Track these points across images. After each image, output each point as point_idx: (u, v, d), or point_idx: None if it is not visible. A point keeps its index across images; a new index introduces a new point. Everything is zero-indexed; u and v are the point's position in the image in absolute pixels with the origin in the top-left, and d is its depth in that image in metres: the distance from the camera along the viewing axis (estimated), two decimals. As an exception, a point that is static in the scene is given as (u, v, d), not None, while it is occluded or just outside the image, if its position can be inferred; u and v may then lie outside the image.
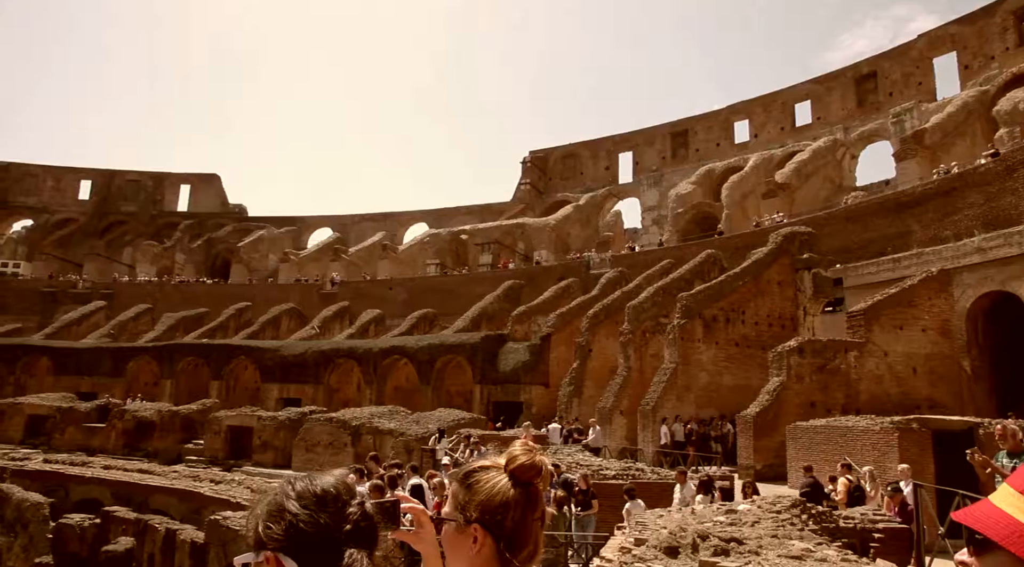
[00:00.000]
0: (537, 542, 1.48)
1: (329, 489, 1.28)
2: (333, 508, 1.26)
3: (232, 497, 18.65)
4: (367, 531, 1.29)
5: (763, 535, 7.08)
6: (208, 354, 37.94)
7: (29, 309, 50.73)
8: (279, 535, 1.21)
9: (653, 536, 7.29)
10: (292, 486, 1.28)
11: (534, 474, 1.48)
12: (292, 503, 1.24)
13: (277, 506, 1.25)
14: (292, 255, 58.19)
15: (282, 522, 1.22)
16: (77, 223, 64.79)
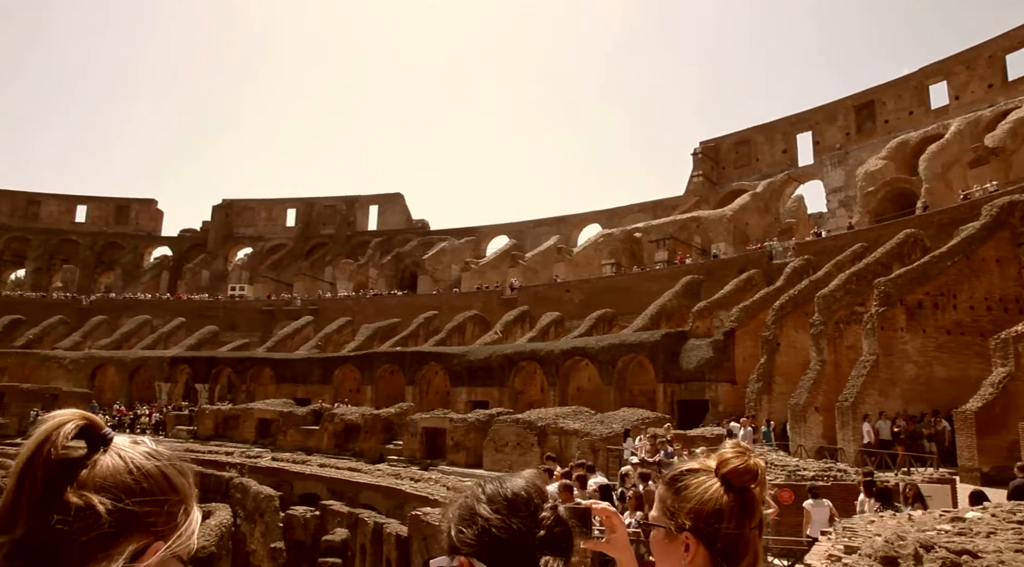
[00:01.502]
0: (756, 553, 1.39)
1: (520, 492, 1.25)
2: (525, 512, 1.22)
3: (430, 494, 19.85)
4: (561, 537, 1.23)
5: (1003, 549, 6.11)
6: (402, 361, 40.65)
7: (253, 326, 57.47)
8: (471, 540, 1.20)
9: (866, 544, 6.72)
10: (482, 489, 1.27)
11: (749, 479, 1.39)
12: (483, 507, 1.23)
13: (468, 510, 1.24)
14: (472, 264, 60.85)
15: (474, 527, 1.21)
16: (286, 248, 72.43)
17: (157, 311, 59.40)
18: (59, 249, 72.26)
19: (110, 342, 53.75)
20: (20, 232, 72.27)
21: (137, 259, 73.42)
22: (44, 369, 47.82)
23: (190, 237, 75.52)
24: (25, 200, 74.35)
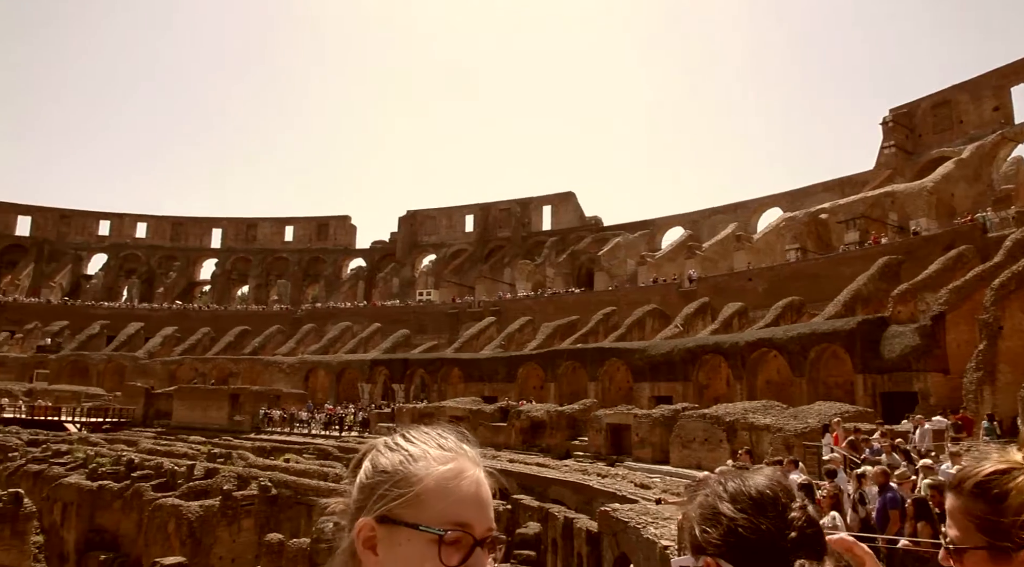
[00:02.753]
0: None
1: (765, 491, 1.19)
2: (773, 512, 1.16)
3: (618, 490, 20.05)
4: (815, 538, 1.16)
5: None
6: (583, 358, 41.19)
7: (441, 328, 60.96)
8: (717, 540, 1.15)
9: None
10: (723, 486, 1.22)
11: None
12: (726, 505, 1.18)
13: (711, 508, 1.19)
14: (648, 257, 60.15)
15: (719, 526, 1.16)
16: (467, 252, 76.02)
17: (356, 318, 64.84)
18: (273, 266, 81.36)
19: (319, 347, 59.52)
20: (243, 253, 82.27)
21: (336, 271, 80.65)
22: (268, 373, 54.08)
23: (380, 248, 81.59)
24: (246, 225, 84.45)
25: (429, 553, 1.13)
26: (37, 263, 77.75)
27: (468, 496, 1.19)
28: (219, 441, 33.46)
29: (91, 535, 20.90)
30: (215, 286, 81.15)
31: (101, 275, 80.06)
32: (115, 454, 26.71)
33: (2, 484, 21.56)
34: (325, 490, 19.03)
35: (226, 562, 18.33)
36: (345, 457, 27.64)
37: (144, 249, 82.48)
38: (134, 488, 20.49)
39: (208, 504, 18.30)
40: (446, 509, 1.16)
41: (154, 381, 52.61)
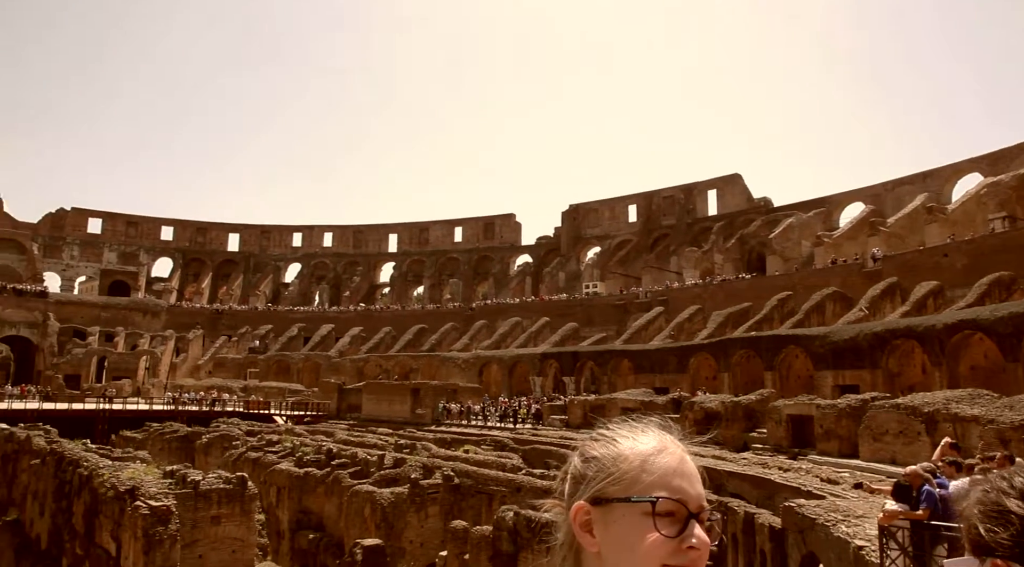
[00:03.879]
0: None
1: None
2: None
3: (802, 485, 19.08)
4: None
5: None
6: (758, 346, 39.45)
7: (608, 320, 60.96)
8: (1007, 541, 1.06)
9: None
10: (1008, 482, 1.12)
11: None
12: (1014, 503, 1.08)
13: (995, 505, 1.10)
14: (825, 237, 56.31)
15: (1009, 526, 1.07)
16: (631, 243, 75.31)
17: (524, 313, 66.48)
18: (445, 266, 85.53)
19: (491, 343, 61.73)
20: (417, 255, 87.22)
21: (504, 268, 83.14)
22: (444, 368, 56.97)
23: (545, 243, 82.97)
24: (418, 229, 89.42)
25: (644, 525, 1.15)
26: (245, 274, 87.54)
27: (674, 468, 1.22)
28: (404, 433, 35.87)
29: (300, 516, 23.28)
30: (394, 288, 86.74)
31: (296, 283, 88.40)
32: (316, 444, 29.50)
33: (228, 468, 24.55)
34: (504, 480, 19.85)
35: (416, 546, 19.66)
36: (520, 449, 28.60)
37: (331, 257, 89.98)
38: (334, 475, 22.54)
39: (398, 491, 19.75)
40: (656, 481, 1.19)
41: (345, 377, 57.31)
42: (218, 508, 17.71)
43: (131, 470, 18.89)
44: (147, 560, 15.55)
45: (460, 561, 15.27)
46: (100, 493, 17.99)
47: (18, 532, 22.98)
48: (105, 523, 17.60)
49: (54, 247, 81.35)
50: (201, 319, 76.07)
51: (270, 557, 20.52)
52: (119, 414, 46.65)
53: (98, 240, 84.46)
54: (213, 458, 30.71)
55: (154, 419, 43.07)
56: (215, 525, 17.77)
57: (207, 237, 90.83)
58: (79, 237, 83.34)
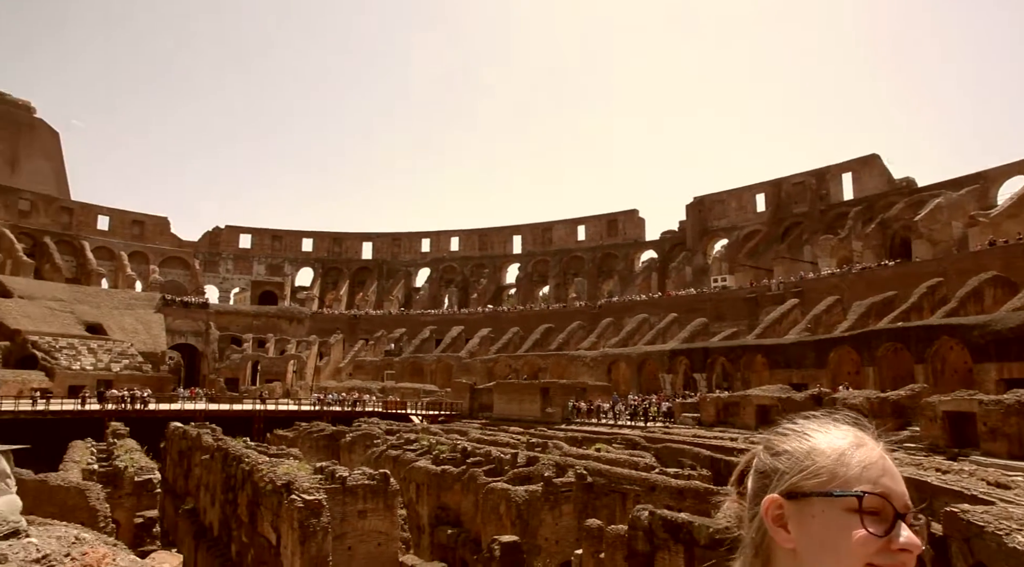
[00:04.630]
0: None
1: None
2: None
3: (965, 489, 17.65)
4: None
5: None
6: (907, 338, 36.78)
7: (738, 314, 58.86)
8: None
9: None
10: None
11: None
12: None
13: None
14: (981, 217, 51.55)
15: None
16: (761, 233, 72.29)
17: (651, 309, 65.46)
18: (570, 265, 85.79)
19: (618, 340, 61.26)
20: (541, 256, 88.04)
21: (629, 265, 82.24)
22: (572, 366, 57.14)
23: (670, 238, 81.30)
24: (541, 229, 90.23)
25: (848, 522, 1.08)
26: (379, 281, 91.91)
27: (878, 464, 1.14)
28: (535, 432, 36.36)
29: (439, 511, 24.19)
30: (519, 288, 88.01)
31: (427, 287, 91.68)
32: (451, 442, 30.51)
33: (371, 465, 25.92)
34: (637, 479, 19.74)
35: (551, 543, 19.94)
36: (652, 447, 28.24)
37: (458, 260, 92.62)
38: (469, 473, 23.26)
39: (532, 489, 20.11)
40: (858, 476, 1.12)
41: (475, 377, 58.81)
42: (364, 503, 18.79)
43: (286, 466, 20.39)
44: (303, 550, 16.73)
45: (595, 560, 15.36)
46: (260, 487, 19.57)
47: (195, 519, 25.37)
48: (265, 514, 19.11)
49: (212, 262, 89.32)
50: (340, 324, 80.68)
51: (412, 550, 21.48)
52: (272, 414, 50.39)
53: (249, 254, 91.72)
54: (356, 455, 32.49)
55: (302, 419, 46.15)
56: (362, 519, 18.86)
57: (343, 247, 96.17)
58: (232, 252, 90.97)
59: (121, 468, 24.20)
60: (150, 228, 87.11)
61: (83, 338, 60.55)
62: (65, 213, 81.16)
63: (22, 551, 2.47)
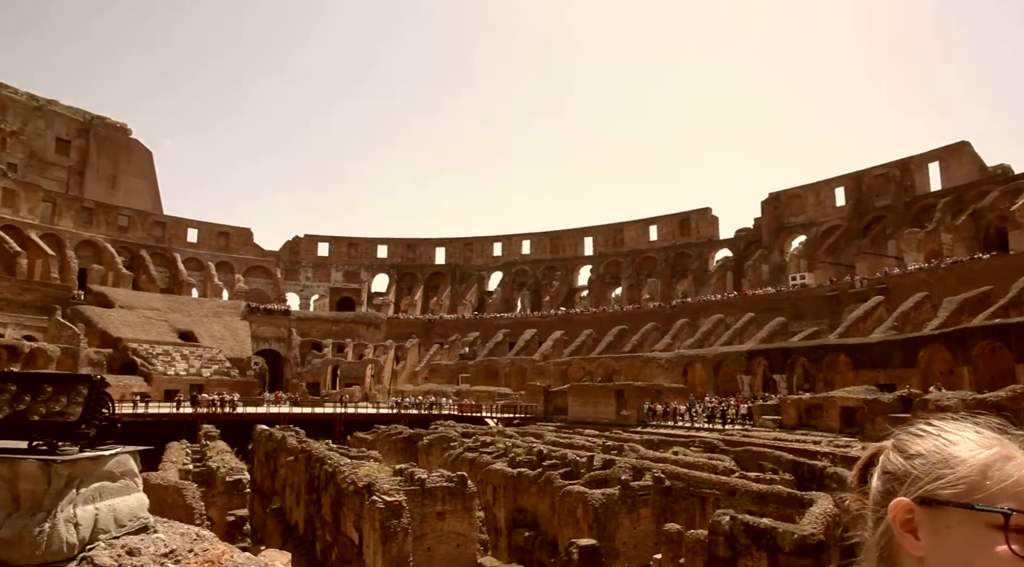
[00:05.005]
0: None
1: None
2: None
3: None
4: None
5: None
6: (1006, 335, 34.75)
7: (819, 313, 56.89)
8: None
9: None
10: None
11: None
12: None
13: None
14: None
15: None
16: (841, 228, 69.63)
17: (727, 309, 64.02)
18: (642, 266, 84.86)
19: (693, 341, 60.19)
20: (613, 257, 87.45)
21: (703, 264, 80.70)
22: (647, 368, 56.49)
23: (745, 236, 79.31)
24: (613, 230, 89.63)
25: (989, 538, 1.01)
26: (452, 285, 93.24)
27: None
28: (610, 434, 36.13)
29: (516, 514, 24.39)
30: (592, 290, 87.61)
31: (499, 290, 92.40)
32: (527, 445, 30.70)
33: (448, 467, 26.39)
34: (717, 483, 19.41)
35: (628, 547, 19.82)
36: (731, 450, 27.66)
37: (530, 264, 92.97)
38: (545, 475, 23.37)
39: (609, 492, 20.04)
40: (1004, 491, 1.03)
41: (549, 380, 58.87)
42: (442, 504, 19.16)
43: (366, 468, 21.01)
44: (385, 550, 17.19)
45: (675, 564, 15.21)
46: (343, 488, 20.23)
47: (282, 518, 26.42)
48: (348, 515, 19.73)
49: (292, 270, 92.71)
50: (416, 329, 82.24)
51: (490, 552, 21.75)
52: (352, 417, 51.85)
53: (327, 262, 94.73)
54: (434, 458, 33.08)
55: (381, 421, 47.30)
56: (440, 520, 19.24)
57: (416, 252, 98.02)
58: (311, 260, 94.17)
59: (214, 468, 25.45)
60: (234, 239, 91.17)
61: (176, 345, 63.89)
62: (159, 227, 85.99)
63: (152, 546, 2.69)
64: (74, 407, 2.77)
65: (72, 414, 2.76)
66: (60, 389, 2.87)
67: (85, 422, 2.75)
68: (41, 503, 2.44)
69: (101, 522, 2.57)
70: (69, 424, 2.74)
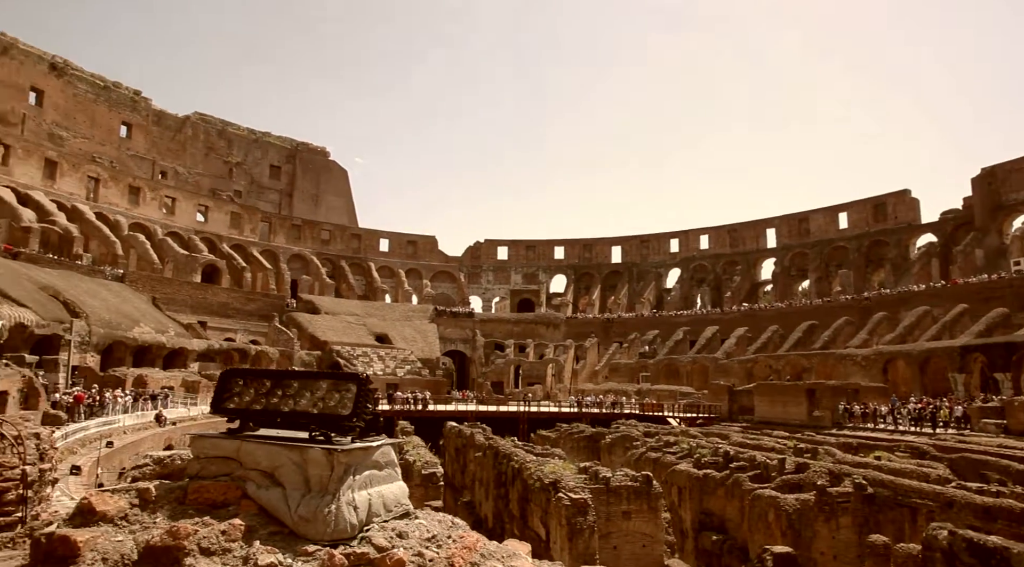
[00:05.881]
0: None
1: None
2: None
3: None
4: None
5: None
6: None
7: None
8: None
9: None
10: None
11: None
12: None
13: None
14: None
15: None
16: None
17: (933, 300, 57.99)
18: (832, 256, 79.11)
19: (894, 337, 55.15)
20: (799, 248, 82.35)
21: (902, 252, 73.60)
22: (841, 366, 52.63)
23: (952, 218, 71.23)
24: (797, 220, 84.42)
25: None
26: (630, 283, 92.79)
27: None
28: (802, 436, 34.15)
29: (702, 517, 23.88)
30: (776, 284, 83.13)
31: (677, 287, 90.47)
32: (711, 446, 29.89)
33: (631, 466, 26.39)
34: (930, 493, 17.80)
35: (827, 558, 18.72)
36: (945, 457, 25.13)
37: (709, 259, 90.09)
38: (733, 478, 22.66)
39: (803, 498, 19.04)
40: None
41: (733, 379, 56.72)
42: (627, 504, 19.27)
43: (551, 465, 21.62)
44: (571, 546, 17.64)
45: (881, 578, 14.20)
46: (529, 484, 20.99)
47: (472, 511, 27.86)
48: (535, 510, 20.44)
49: (474, 274, 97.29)
50: (594, 328, 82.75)
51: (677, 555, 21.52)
52: (534, 416, 53.30)
53: (506, 265, 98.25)
54: (616, 457, 33.19)
55: (562, 420, 48.18)
56: (626, 520, 19.36)
57: (593, 252, 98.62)
58: (492, 264, 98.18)
59: (411, 461, 27.42)
60: (421, 247, 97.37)
61: (374, 347, 69.44)
62: (355, 239, 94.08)
63: (416, 530, 3.08)
64: (346, 402, 3.22)
65: (344, 409, 3.21)
66: (332, 387, 3.33)
67: (356, 416, 3.18)
68: (327, 487, 2.90)
69: (374, 507, 3.03)
70: (341, 417, 3.18)
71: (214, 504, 2.94)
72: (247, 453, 3.12)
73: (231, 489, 2.98)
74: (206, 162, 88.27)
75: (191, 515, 2.83)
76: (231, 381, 3.55)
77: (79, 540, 2.59)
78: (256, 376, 3.55)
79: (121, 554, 2.58)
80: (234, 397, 3.44)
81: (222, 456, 3.16)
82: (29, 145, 65.02)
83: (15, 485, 5.85)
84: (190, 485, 3.06)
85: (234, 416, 3.41)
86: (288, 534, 2.86)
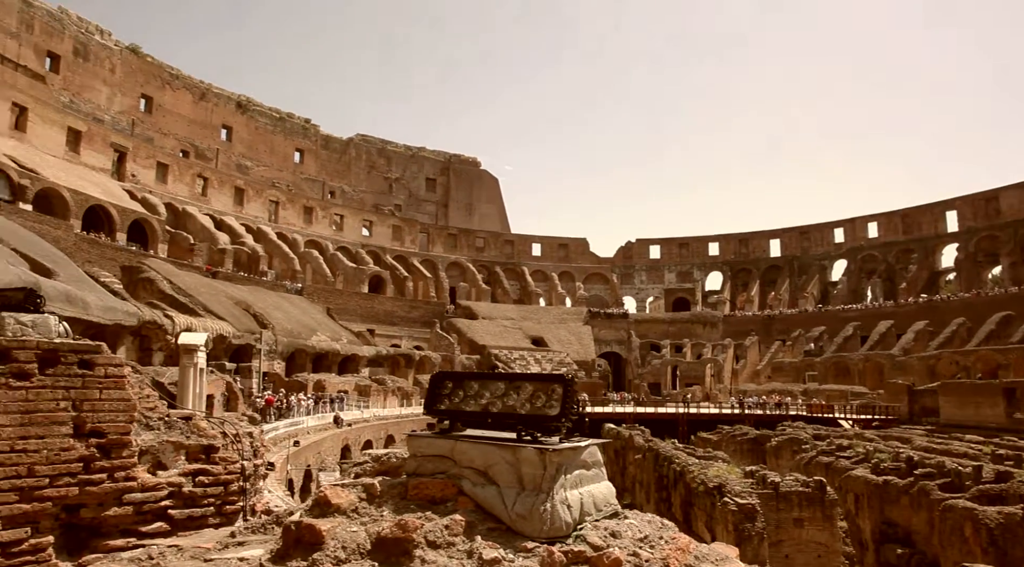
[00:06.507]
0: None
1: None
2: None
3: None
4: None
5: None
6: None
7: None
8: None
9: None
10: None
11: None
12: None
13: None
14: None
15: None
16: None
17: None
18: (1028, 239, 70.57)
19: (1115, 328, 48.30)
20: (986, 231, 74.17)
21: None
22: (1046, 363, 46.86)
23: None
24: (984, 200, 76.10)
25: None
26: (791, 278, 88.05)
27: None
28: (1000, 441, 30.81)
29: (884, 527, 22.31)
30: (960, 272, 75.41)
31: (844, 280, 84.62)
32: (891, 450, 27.77)
33: (800, 471, 25.17)
34: None
35: (1039, 578, 16.92)
36: None
37: (879, 248, 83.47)
38: (919, 486, 20.99)
39: (1008, 512, 17.27)
40: None
41: (913, 378, 52.19)
42: (799, 511, 18.48)
43: (715, 468, 21.18)
44: (740, 552, 17.20)
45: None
46: (692, 488, 20.68)
47: (633, 515, 27.77)
48: (699, 515, 20.11)
49: (627, 275, 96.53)
50: (754, 326, 79.30)
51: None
52: (694, 417, 52.07)
53: (659, 264, 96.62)
54: (783, 461, 31.76)
55: (723, 422, 46.72)
56: (798, 527, 18.56)
57: (749, 247, 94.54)
58: (644, 263, 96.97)
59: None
60: (572, 249, 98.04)
61: (530, 350, 70.95)
62: (508, 245, 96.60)
63: (628, 530, 3.18)
64: (553, 403, 3.35)
65: (552, 409, 3.33)
66: (539, 388, 3.47)
67: (564, 416, 3.29)
68: (540, 485, 3.09)
69: (585, 506, 3.23)
70: (549, 418, 3.30)
71: (433, 500, 3.32)
72: (461, 452, 3.41)
73: (448, 486, 3.34)
74: (368, 179, 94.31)
75: (413, 510, 3.23)
76: (441, 384, 3.85)
77: (323, 529, 3.10)
78: (464, 378, 3.82)
79: (357, 543, 3.05)
80: (444, 399, 3.76)
81: (437, 454, 3.50)
82: (222, 176, 73.11)
83: (236, 477, 6.65)
84: (410, 481, 3.46)
85: (445, 417, 3.69)
86: (505, 530, 3.10)
